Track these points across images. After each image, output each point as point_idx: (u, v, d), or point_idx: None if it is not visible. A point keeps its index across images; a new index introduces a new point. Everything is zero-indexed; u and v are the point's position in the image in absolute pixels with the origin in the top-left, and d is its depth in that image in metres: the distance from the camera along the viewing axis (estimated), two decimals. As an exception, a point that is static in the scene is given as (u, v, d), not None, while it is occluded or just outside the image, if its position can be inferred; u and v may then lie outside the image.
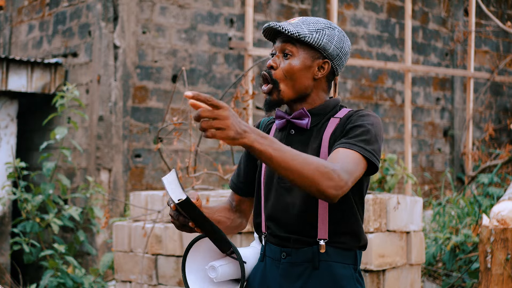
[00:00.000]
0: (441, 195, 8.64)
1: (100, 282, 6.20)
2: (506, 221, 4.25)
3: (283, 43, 2.04)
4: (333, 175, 1.78)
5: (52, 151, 7.31)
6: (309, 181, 1.75)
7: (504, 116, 10.84)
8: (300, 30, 2.01)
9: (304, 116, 2.03)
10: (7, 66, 7.38)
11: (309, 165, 1.75)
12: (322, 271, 1.98)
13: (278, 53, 2.05)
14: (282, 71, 2.02)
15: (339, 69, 2.08)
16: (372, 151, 1.91)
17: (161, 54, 7.51)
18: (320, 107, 2.06)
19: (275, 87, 2.03)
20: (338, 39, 2.05)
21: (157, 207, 4.91)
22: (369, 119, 1.96)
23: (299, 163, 1.74)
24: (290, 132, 2.07)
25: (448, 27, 10.10)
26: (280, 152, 1.72)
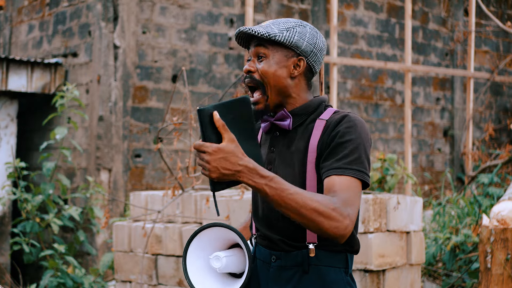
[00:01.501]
0: (441, 195, 8.64)
1: (100, 282, 6.20)
2: (506, 221, 4.25)
3: (256, 47, 2.03)
4: (332, 214, 1.78)
5: (52, 151, 7.31)
6: (309, 222, 1.78)
7: (504, 116, 10.84)
8: (270, 31, 2.00)
9: (285, 117, 2.03)
10: (7, 66, 7.38)
11: (307, 205, 1.77)
12: (312, 275, 1.97)
13: (253, 58, 2.04)
14: (260, 73, 2.02)
15: (316, 66, 2.06)
16: (364, 170, 1.89)
17: (161, 54, 7.51)
18: (302, 106, 2.04)
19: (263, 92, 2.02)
20: (310, 36, 2.03)
21: (157, 207, 4.91)
22: (355, 130, 1.93)
23: (296, 202, 1.77)
24: (275, 134, 2.07)
25: (448, 27, 10.10)
26: (277, 191, 1.76)
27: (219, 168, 1.74)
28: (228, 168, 1.74)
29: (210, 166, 1.75)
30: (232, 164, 1.75)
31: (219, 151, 1.74)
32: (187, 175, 4.90)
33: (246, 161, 1.76)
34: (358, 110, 9.00)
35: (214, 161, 1.74)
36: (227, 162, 1.74)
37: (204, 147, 1.75)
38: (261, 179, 1.76)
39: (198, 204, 4.71)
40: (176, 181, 4.75)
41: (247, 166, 1.76)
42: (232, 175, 1.75)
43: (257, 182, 1.76)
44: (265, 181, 1.76)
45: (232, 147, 1.75)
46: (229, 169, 1.75)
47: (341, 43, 8.82)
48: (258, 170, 1.76)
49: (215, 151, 1.74)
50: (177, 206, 4.83)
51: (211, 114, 1.77)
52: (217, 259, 1.94)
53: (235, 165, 1.75)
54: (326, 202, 1.79)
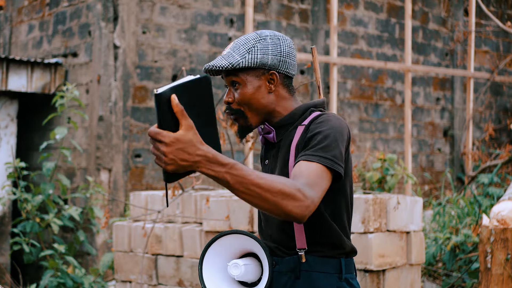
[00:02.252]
0: (441, 195, 8.64)
1: (100, 282, 6.20)
2: (506, 221, 4.25)
3: (227, 76, 2.05)
4: (297, 194, 1.74)
5: (52, 151, 7.31)
6: (272, 205, 1.72)
7: (504, 116, 10.84)
8: (232, 60, 2.00)
9: (268, 131, 2.07)
10: (7, 66, 7.38)
11: (272, 189, 1.71)
12: (303, 281, 1.99)
13: (229, 87, 2.06)
14: (238, 102, 2.04)
15: (291, 70, 2.05)
16: (332, 157, 1.87)
17: (161, 54, 7.51)
18: (287, 116, 2.05)
19: (241, 115, 2.04)
20: (272, 47, 2.02)
21: (157, 207, 4.91)
22: (327, 124, 1.93)
23: (260, 187, 1.70)
24: (267, 147, 2.11)
25: (448, 27, 10.10)
26: (239, 178, 1.67)
27: (176, 159, 1.62)
28: (186, 159, 1.63)
29: (167, 158, 1.62)
30: (189, 155, 1.63)
31: (177, 142, 1.62)
32: (187, 175, 4.90)
33: (204, 151, 1.65)
34: (358, 110, 9.00)
35: (171, 152, 1.62)
36: (185, 153, 1.62)
37: (161, 136, 1.61)
38: (221, 167, 1.66)
39: (198, 204, 4.71)
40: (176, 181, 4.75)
41: (205, 156, 1.64)
42: (189, 166, 1.64)
43: (217, 171, 1.66)
44: (225, 169, 1.66)
45: (190, 135, 1.63)
46: (186, 160, 1.63)
47: (341, 43, 8.82)
48: (218, 158, 1.66)
49: (172, 141, 1.61)
50: (177, 206, 4.83)
51: (169, 98, 1.62)
52: (235, 266, 1.93)
53: (193, 156, 1.63)
54: (291, 183, 1.74)
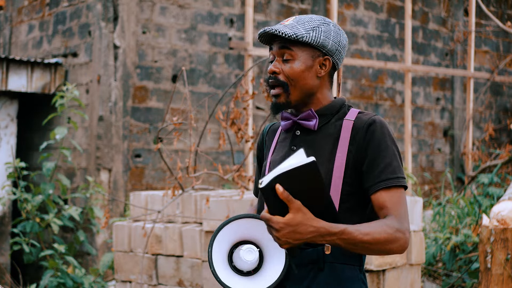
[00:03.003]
0: (441, 195, 8.64)
1: (100, 282, 6.20)
2: (506, 221, 4.25)
3: (280, 48, 2.02)
4: (398, 236, 1.86)
5: (52, 151, 7.31)
6: (380, 252, 1.88)
7: (504, 116, 10.84)
8: (297, 31, 1.98)
9: (311, 117, 2.02)
10: (7, 66, 7.38)
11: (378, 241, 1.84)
12: (327, 273, 1.96)
13: (278, 58, 2.03)
14: (286, 75, 2.00)
15: (340, 63, 2.07)
16: (404, 175, 1.96)
17: (161, 54, 7.51)
18: (327, 107, 2.04)
19: (285, 90, 2.01)
20: (334, 34, 2.03)
21: (157, 207, 4.91)
22: (388, 135, 1.97)
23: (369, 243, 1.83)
24: (296, 133, 2.05)
25: (448, 27, 10.10)
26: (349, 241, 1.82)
27: (290, 240, 1.77)
28: (299, 238, 1.78)
29: (281, 241, 1.78)
30: (301, 234, 1.77)
31: (287, 226, 1.76)
32: (187, 175, 4.90)
33: (315, 227, 1.78)
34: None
35: (283, 236, 1.77)
36: (297, 233, 1.77)
37: (271, 223, 1.77)
38: (333, 236, 1.80)
39: (198, 204, 4.71)
40: (176, 181, 4.74)
41: (317, 232, 1.79)
42: (304, 241, 1.79)
43: (329, 240, 1.80)
44: (336, 237, 1.80)
45: (299, 218, 1.76)
46: (300, 239, 1.78)
47: (341, 43, 8.81)
48: (329, 230, 1.79)
49: (282, 227, 1.76)
50: (177, 206, 4.83)
51: (273, 187, 1.73)
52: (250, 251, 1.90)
53: (305, 234, 1.78)
54: (389, 228, 1.86)
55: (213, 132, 7.66)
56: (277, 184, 1.72)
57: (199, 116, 7.47)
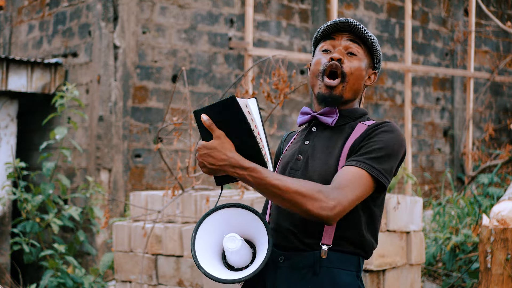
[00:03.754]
0: (441, 195, 8.64)
1: (100, 282, 6.20)
2: (506, 221, 4.25)
3: (350, 41, 2.02)
4: (316, 195, 1.81)
5: (52, 151, 7.31)
6: (291, 204, 1.83)
7: (504, 116, 10.84)
8: (373, 36, 2.04)
9: (332, 113, 2.01)
10: (7, 66, 7.38)
11: (289, 189, 1.82)
12: (323, 277, 1.92)
13: (341, 50, 2.01)
14: (350, 68, 2.00)
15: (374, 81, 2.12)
16: (381, 170, 1.89)
17: (161, 54, 7.51)
18: (351, 110, 2.05)
19: (343, 81, 2.00)
20: (380, 53, 2.10)
21: (157, 207, 4.91)
22: (389, 135, 1.93)
23: (278, 188, 1.83)
24: (312, 129, 2.05)
25: (448, 27, 10.10)
26: (258, 179, 1.84)
27: (205, 163, 1.88)
28: (212, 163, 1.87)
29: (199, 162, 1.89)
30: (215, 159, 1.86)
31: (203, 148, 1.88)
32: (187, 175, 4.90)
33: (228, 156, 1.85)
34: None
35: (200, 157, 1.88)
36: (211, 157, 1.87)
37: (197, 145, 1.91)
38: (243, 170, 1.84)
39: (198, 204, 4.71)
40: (176, 181, 4.75)
41: (229, 161, 1.85)
42: (218, 169, 1.87)
43: (240, 174, 1.85)
44: (246, 172, 1.84)
45: (215, 143, 1.86)
46: (213, 164, 1.87)
47: (341, 43, 8.81)
48: (240, 163, 1.85)
49: (200, 148, 1.89)
50: (177, 206, 4.83)
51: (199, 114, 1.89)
52: (233, 239, 1.88)
53: (218, 161, 1.86)
54: (311, 186, 1.84)
55: (213, 132, 7.66)
56: (202, 114, 1.87)
57: (199, 116, 7.46)
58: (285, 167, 2.05)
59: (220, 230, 1.92)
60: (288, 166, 2.03)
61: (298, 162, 2.02)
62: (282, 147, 2.21)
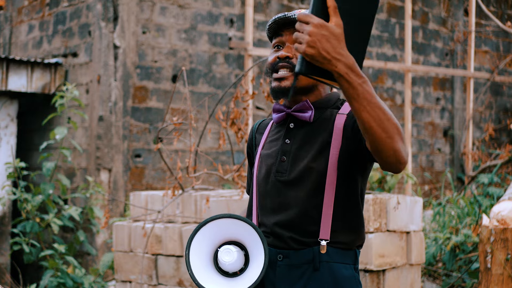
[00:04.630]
0: (441, 195, 8.64)
1: (100, 282, 6.20)
2: (506, 221, 4.25)
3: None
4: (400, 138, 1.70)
5: (52, 151, 7.31)
6: (387, 134, 1.67)
7: (504, 116, 10.84)
8: None
9: (307, 108, 1.99)
10: (7, 66, 7.38)
11: (391, 119, 1.67)
12: (323, 272, 1.94)
13: (289, 44, 1.99)
14: None
15: None
16: None
17: (161, 54, 7.51)
18: (324, 100, 2.02)
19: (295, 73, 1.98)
20: None
21: (157, 207, 4.91)
22: None
23: (383, 112, 1.65)
24: (290, 126, 2.03)
25: (448, 27, 10.10)
26: (368, 94, 1.64)
27: (319, 44, 1.56)
28: (327, 50, 1.57)
29: (310, 39, 1.56)
30: (333, 47, 1.58)
31: (325, 28, 1.57)
32: (187, 175, 4.90)
33: (346, 54, 1.59)
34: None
35: (316, 34, 1.56)
36: (328, 43, 1.57)
37: (310, 18, 1.57)
38: (357, 77, 1.62)
39: (198, 204, 4.71)
40: (176, 181, 4.74)
41: (346, 59, 1.59)
42: (328, 61, 1.58)
43: (353, 79, 1.61)
44: (360, 80, 1.62)
45: (338, 31, 1.58)
46: (327, 52, 1.57)
47: (341, 43, 8.81)
48: (356, 68, 1.61)
49: (321, 25, 1.56)
50: (177, 206, 4.83)
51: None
52: (228, 252, 1.86)
53: (335, 51, 1.58)
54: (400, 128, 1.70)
55: (213, 132, 7.66)
56: None
57: (199, 116, 7.47)
58: (270, 169, 2.03)
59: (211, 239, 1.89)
60: (273, 168, 2.01)
61: (283, 164, 2.00)
62: (254, 137, 2.18)
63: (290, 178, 1.97)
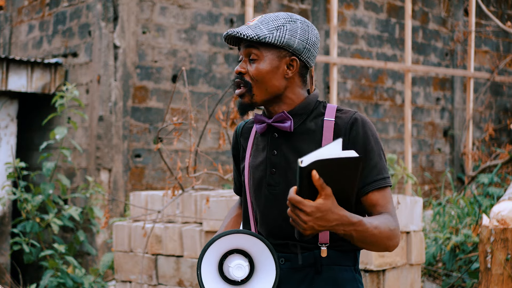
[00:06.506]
0: (441, 195, 8.64)
1: (100, 282, 6.20)
2: (506, 221, 4.25)
3: (246, 48, 1.97)
4: (395, 233, 1.88)
5: (52, 151, 7.31)
6: (379, 248, 1.88)
7: (504, 116, 10.84)
8: (259, 32, 1.94)
9: (285, 119, 1.98)
10: (7, 66, 7.38)
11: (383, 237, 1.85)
12: (325, 275, 1.96)
13: (245, 58, 1.99)
14: (251, 75, 1.96)
15: (311, 61, 2.00)
16: (388, 173, 1.98)
17: (161, 54, 7.51)
18: (301, 106, 2.00)
19: (248, 90, 1.98)
20: (301, 32, 1.97)
21: (157, 207, 4.91)
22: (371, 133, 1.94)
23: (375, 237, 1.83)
24: (274, 136, 2.01)
25: (448, 27, 10.10)
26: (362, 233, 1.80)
27: (315, 226, 1.72)
28: (324, 225, 1.73)
29: (307, 226, 1.72)
30: (328, 221, 1.73)
31: (317, 211, 1.71)
32: (187, 175, 4.90)
33: (340, 215, 1.75)
34: (358, 110, 8.99)
35: (311, 221, 1.71)
36: (323, 220, 1.72)
37: (302, 206, 1.70)
38: (351, 226, 1.77)
39: (198, 204, 4.71)
40: (176, 181, 4.75)
41: (341, 220, 1.75)
42: (326, 230, 1.76)
43: (347, 230, 1.78)
44: (353, 227, 1.78)
45: (329, 204, 1.72)
46: (324, 226, 1.73)
47: (341, 43, 8.82)
48: (350, 220, 1.76)
49: (313, 211, 1.70)
50: (177, 206, 4.83)
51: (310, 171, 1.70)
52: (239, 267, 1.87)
53: (330, 222, 1.73)
54: (390, 224, 1.88)
55: (213, 132, 7.66)
56: (313, 171, 1.68)
57: (199, 116, 7.47)
58: (260, 182, 2.02)
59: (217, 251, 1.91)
60: (264, 181, 2.01)
61: (273, 177, 1.99)
62: (239, 141, 2.17)
63: (283, 191, 1.97)
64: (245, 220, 2.11)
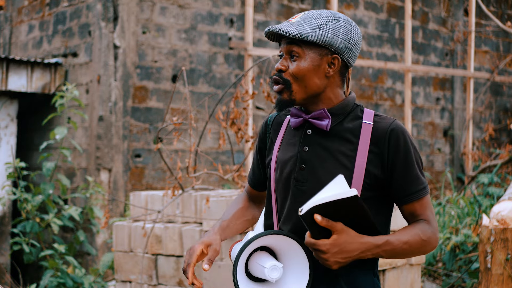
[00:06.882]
0: (441, 195, 8.64)
1: (100, 282, 6.20)
2: (506, 221, 4.25)
3: (288, 45, 1.96)
4: (432, 238, 1.94)
5: (52, 151, 7.31)
6: (415, 256, 1.96)
7: (504, 116, 10.84)
8: (302, 30, 1.92)
9: (324, 117, 1.96)
10: (7, 66, 7.38)
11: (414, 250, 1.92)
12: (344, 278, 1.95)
13: (285, 55, 1.97)
14: (292, 73, 1.95)
15: (352, 61, 1.99)
16: (426, 181, 2.01)
17: (161, 54, 7.51)
18: (339, 106, 1.98)
19: (287, 87, 1.96)
20: (344, 30, 1.95)
21: (157, 207, 4.91)
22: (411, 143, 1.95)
23: (407, 251, 1.91)
24: (307, 132, 1.99)
25: (448, 27, 10.10)
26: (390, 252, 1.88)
27: (339, 259, 1.81)
28: (347, 256, 1.81)
29: (330, 262, 1.81)
30: (349, 252, 1.81)
31: (333, 247, 1.80)
32: (187, 175, 4.90)
33: (361, 242, 1.83)
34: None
35: (331, 257, 1.80)
36: (344, 252, 1.81)
37: (317, 246, 1.80)
38: (377, 249, 1.85)
39: (198, 204, 4.71)
40: (176, 181, 4.74)
41: (364, 247, 1.83)
42: (352, 259, 1.83)
43: (374, 253, 1.85)
44: (380, 249, 1.86)
45: (344, 237, 1.80)
46: (348, 257, 1.82)
47: (341, 43, 8.81)
48: (374, 243, 1.84)
49: (329, 248, 1.80)
50: (177, 206, 4.83)
51: (312, 216, 1.76)
52: (275, 269, 1.88)
53: (352, 252, 1.82)
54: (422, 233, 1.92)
55: (213, 132, 7.66)
56: (315, 215, 1.75)
57: (199, 116, 7.47)
58: (288, 177, 2.00)
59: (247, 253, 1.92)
60: (292, 176, 1.99)
61: (302, 173, 1.97)
62: (268, 133, 2.14)
63: (311, 187, 1.95)
64: (267, 215, 2.09)
